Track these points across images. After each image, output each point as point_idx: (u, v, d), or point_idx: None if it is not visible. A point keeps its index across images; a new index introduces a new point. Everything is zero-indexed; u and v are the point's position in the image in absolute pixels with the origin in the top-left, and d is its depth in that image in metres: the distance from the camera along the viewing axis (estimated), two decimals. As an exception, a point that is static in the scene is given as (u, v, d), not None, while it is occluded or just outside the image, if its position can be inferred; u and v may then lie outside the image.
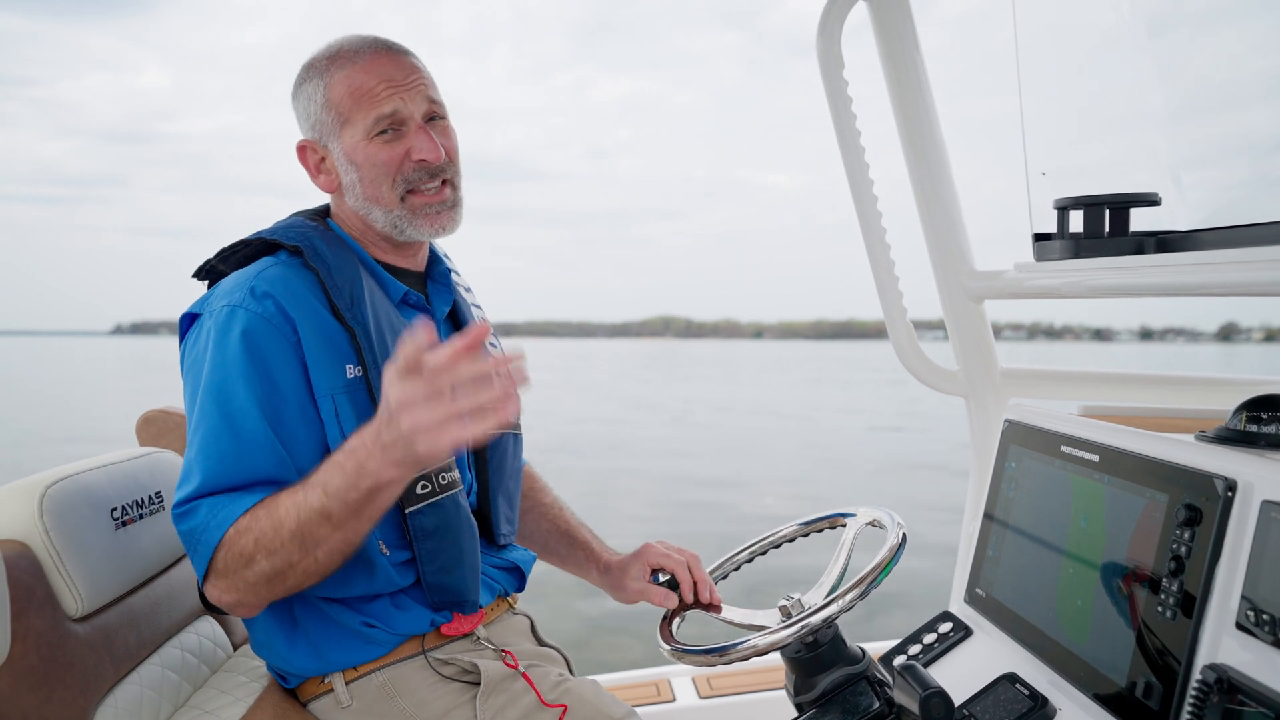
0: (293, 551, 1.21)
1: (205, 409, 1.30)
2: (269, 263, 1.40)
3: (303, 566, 1.23)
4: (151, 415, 1.85)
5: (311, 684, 1.45)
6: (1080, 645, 1.34)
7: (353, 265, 1.43)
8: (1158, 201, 1.50)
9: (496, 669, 1.44)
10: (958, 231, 1.82)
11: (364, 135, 1.41)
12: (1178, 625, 1.15)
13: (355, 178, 1.44)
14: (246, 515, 1.23)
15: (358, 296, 1.40)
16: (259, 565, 1.22)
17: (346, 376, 1.36)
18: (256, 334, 1.32)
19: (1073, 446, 1.47)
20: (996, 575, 1.63)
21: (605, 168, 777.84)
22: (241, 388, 1.30)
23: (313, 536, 1.20)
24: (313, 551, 1.21)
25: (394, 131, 1.42)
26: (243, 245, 1.44)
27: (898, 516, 1.54)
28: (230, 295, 1.35)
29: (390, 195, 1.43)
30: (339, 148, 1.44)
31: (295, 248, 1.40)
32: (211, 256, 1.46)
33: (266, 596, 1.26)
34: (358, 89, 1.41)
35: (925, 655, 1.66)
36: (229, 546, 1.23)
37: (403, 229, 1.46)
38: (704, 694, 2.41)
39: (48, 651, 1.22)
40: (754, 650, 1.39)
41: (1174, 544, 1.19)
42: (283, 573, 1.23)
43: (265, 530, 1.21)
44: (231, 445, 1.28)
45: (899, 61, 1.77)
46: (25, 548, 1.27)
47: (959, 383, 1.93)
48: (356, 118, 1.41)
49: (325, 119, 1.44)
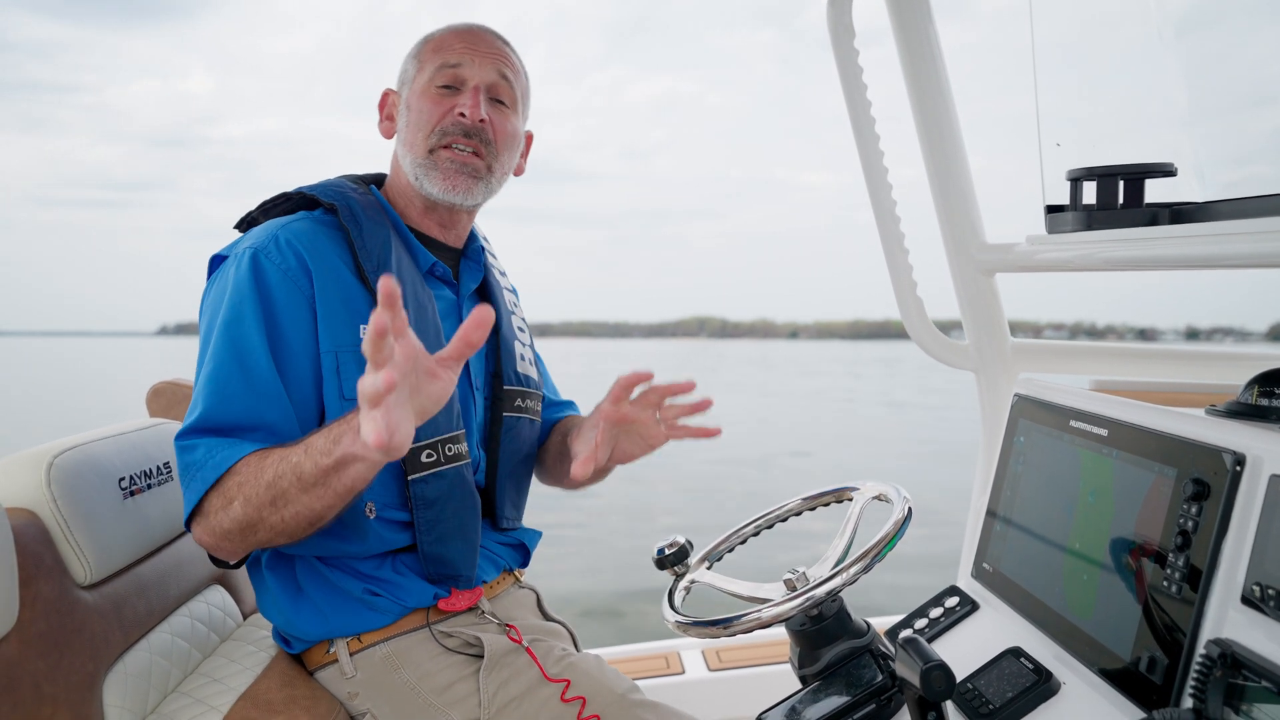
0: (264, 504, 1.21)
1: (217, 345, 1.32)
2: (301, 216, 1.44)
3: (270, 523, 1.22)
4: (161, 387, 1.86)
5: (318, 652, 1.46)
6: (1085, 620, 1.34)
7: (385, 229, 1.46)
8: (1173, 172, 1.47)
9: (500, 643, 1.45)
10: (968, 204, 1.80)
11: (426, 84, 1.49)
12: (1183, 600, 1.14)
13: (405, 122, 1.51)
14: (251, 460, 1.24)
15: (384, 260, 1.42)
16: (234, 510, 1.23)
17: (358, 335, 1.37)
18: (273, 282, 1.34)
19: (1082, 421, 1.46)
20: (1004, 550, 1.62)
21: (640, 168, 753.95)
22: (254, 331, 1.32)
23: (284, 494, 1.20)
24: (280, 509, 1.21)
25: (451, 89, 1.48)
26: (284, 199, 1.48)
27: (904, 490, 1.53)
28: (255, 241, 1.39)
29: (422, 144, 1.48)
30: (407, 92, 1.52)
31: (331, 205, 1.43)
32: (254, 208, 1.48)
33: (239, 545, 1.27)
34: (442, 43, 1.51)
35: (931, 629, 1.66)
36: (217, 489, 1.25)
37: (421, 181, 1.49)
38: (713, 666, 2.43)
39: (56, 618, 1.24)
40: (758, 622, 1.39)
41: (1181, 518, 1.18)
42: (254, 524, 1.23)
43: (249, 477, 1.23)
44: (239, 384, 1.30)
45: (911, 31, 1.74)
46: (33, 515, 1.28)
47: (969, 357, 1.91)
48: (427, 66, 1.49)
49: (409, 67, 1.54)
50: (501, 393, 1.58)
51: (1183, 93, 1.67)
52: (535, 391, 1.67)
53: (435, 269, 1.54)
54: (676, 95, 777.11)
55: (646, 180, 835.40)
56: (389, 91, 1.58)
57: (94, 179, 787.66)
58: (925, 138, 1.78)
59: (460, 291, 1.59)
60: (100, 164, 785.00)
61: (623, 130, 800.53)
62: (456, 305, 1.57)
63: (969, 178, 1.81)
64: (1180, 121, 1.67)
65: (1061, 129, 1.62)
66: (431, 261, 1.53)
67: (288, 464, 1.20)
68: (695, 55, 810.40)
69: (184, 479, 1.28)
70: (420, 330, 1.43)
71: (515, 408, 1.60)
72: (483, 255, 1.65)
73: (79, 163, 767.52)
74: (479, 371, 1.59)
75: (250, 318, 1.32)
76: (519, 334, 1.69)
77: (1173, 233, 1.33)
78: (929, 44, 1.74)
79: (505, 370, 1.60)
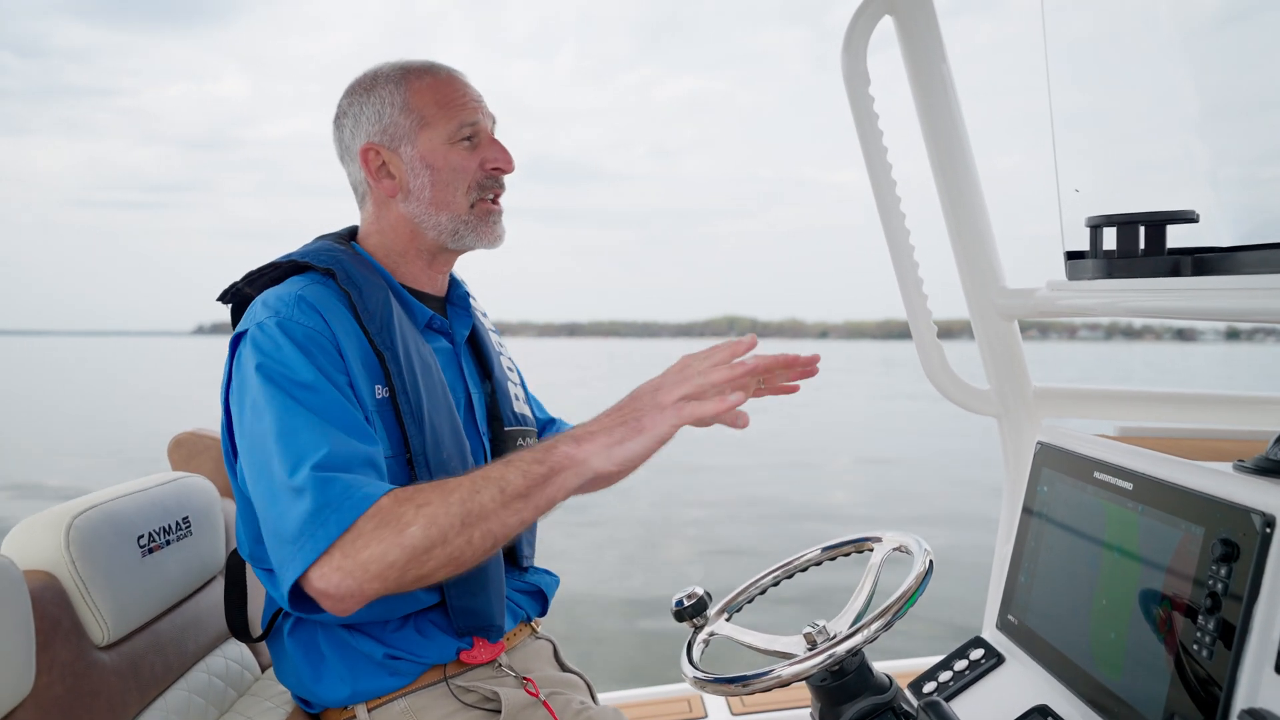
0: (453, 524, 1.16)
1: (287, 407, 1.25)
2: (304, 281, 1.40)
3: (453, 546, 1.16)
4: (183, 438, 1.87)
5: (335, 711, 1.45)
6: (1114, 680, 1.30)
7: (382, 289, 1.44)
8: (1195, 219, 1.45)
9: (518, 697, 1.44)
10: (988, 248, 1.78)
11: (445, 140, 1.47)
12: (1215, 664, 1.11)
13: (427, 180, 1.47)
14: (399, 498, 1.18)
15: (387, 320, 1.41)
16: (410, 536, 1.15)
17: (376, 396, 1.37)
18: (310, 344, 1.32)
19: (1106, 473, 1.43)
20: (1029, 602, 1.59)
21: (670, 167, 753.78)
22: (316, 381, 1.28)
23: (479, 510, 1.16)
24: (470, 529, 1.16)
25: (472, 141, 1.48)
26: (271, 268, 1.45)
27: (925, 543, 1.50)
28: (274, 309, 1.35)
29: (462, 201, 1.48)
30: (413, 151, 1.47)
31: (328, 270, 1.41)
32: (238, 280, 1.46)
33: (389, 583, 1.17)
34: (444, 97, 1.47)
35: (956, 683, 1.63)
36: (375, 517, 1.16)
37: (463, 235, 1.49)
38: (736, 711, 2.40)
39: (73, 681, 1.24)
40: (778, 681, 1.37)
41: (1210, 579, 1.15)
42: (429, 549, 1.15)
43: (431, 499, 1.17)
44: (332, 431, 1.25)
45: (925, 75, 1.73)
46: (52, 578, 1.29)
47: (991, 402, 1.88)
48: (439, 122, 1.46)
49: (402, 122, 1.47)
50: (503, 435, 1.59)
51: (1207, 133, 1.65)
52: (532, 428, 1.67)
53: (433, 322, 1.55)
54: (706, 94, 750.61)
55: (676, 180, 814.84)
56: (372, 147, 1.48)
57: (131, 181, 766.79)
58: (942, 182, 1.77)
59: (455, 340, 1.59)
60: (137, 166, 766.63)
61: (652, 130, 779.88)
62: (454, 354, 1.57)
63: (987, 221, 1.79)
64: (1204, 163, 1.65)
65: (1081, 174, 1.60)
66: (429, 315, 1.53)
67: (483, 480, 1.18)
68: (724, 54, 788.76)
69: (319, 517, 1.18)
70: (428, 386, 1.43)
71: (518, 447, 1.60)
72: (468, 300, 1.65)
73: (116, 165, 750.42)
74: (483, 418, 1.59)
75: (306, 376, 1.28)
76: (509, 374, 1.69)
77: (1195, 285, 1.31)
78: (943, 89, 1.73)
79: (503, 413, 1.61)
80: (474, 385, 1.59)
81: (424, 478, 1.36)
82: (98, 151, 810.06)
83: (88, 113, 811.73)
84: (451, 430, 1.45)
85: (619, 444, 1.19)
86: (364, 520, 1.17)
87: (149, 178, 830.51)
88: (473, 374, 1.61)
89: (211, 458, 1.87)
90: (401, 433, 1.38)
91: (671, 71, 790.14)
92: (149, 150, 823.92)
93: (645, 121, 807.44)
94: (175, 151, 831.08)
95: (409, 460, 1.38)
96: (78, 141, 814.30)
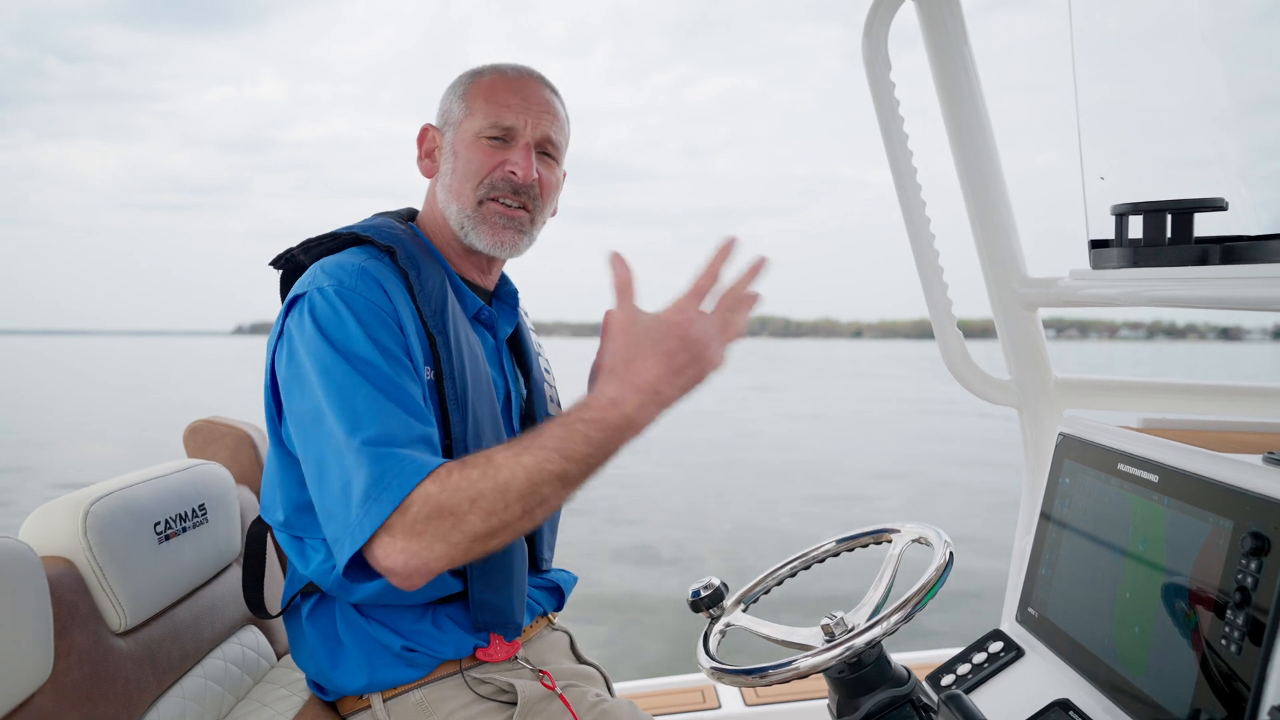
0: (515, 512, 1.17)
1: (346, 377, 1.25)
2: (363, 254, 1.40)
3: (518, 526, 1.19)
4: (198, 425, 1.87)
5: (351, 699, 1.45)
6: (1139, 675, 1.28)
7: (439, 273, 1.45)
8: (1224, 207, 1.42)
9: (534, 690, 1.43)
10: (1009, 237, 1.76)
11: (475, 133, 1.47)
12: (1244, 660, 1.09)
13: (451, 167, 1.49)
14: (452, 474, 1.18)
15: (441, 304, 1.41)
16: (469, 524, 1.16)
17: (425, 378, 1.36)
18: (372, 316, 1.31)
19: (1130, 465, 1.41)
20: (1050, 595, 1.57)
21: (704, 166, 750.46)
22: (374, 355, 1.28)
23: (540, 496, 1.17)
24: (533, 511, 1.18)
25: (502, 142, 1.47)
26: (330, 238, 1.45)
27: (944, 534, 1.49)
28: (334, 276, 1.34)
29: (471, 195, 1.47)
30: (452, 136, 1.50)
31: (388, 248, 1.41)
32: (294, 245, 1.46)
33: (458, 557, 1.19)
34: (493, 93, 1.48)
35: (975, 676, 1.61)
36: (427, 503, 1.17)
37: (467, 232, 1.48)
38: (750, 702, 2.39)
39: (90, 667, 1.24)
40: (795, 673, 1.36)
41: (1239, 574, 1.13)
42: (495, 532, 1.17)
43: (485, 490, 1.16)
44: (389, 405, 1.25)
45: (948, 62, 1.70)
46: (69, 564, 1.29)
47: (1011, 393, 1.86)
48: (478, 115, 1.47)
49: (455, 108, 1.51)
50: None
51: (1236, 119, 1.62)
52: None
53: (481, 314, 1.54)
54: (740, 93, 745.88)
55: (709, 179, 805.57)
56: (429, 128, 1.55)
57: (170, 183, 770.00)
58: (964, 170, 1.75)
59: (499, 335, 1.59)
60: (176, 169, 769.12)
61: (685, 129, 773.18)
62: (496, 351, 1.58)
63: (1009, 209, 1.77)
64: (1233, 149, 1.62)
65: (1106, 162, 1.57)
66: (479, 306, 1.53)
67: (542, 472, 1.17)
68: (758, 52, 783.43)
69: (376, 489, 1.18)
70: (474, 374, 1.42)
71: None
72: (516, 299, 1.65)
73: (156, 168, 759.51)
74: (518, 417, 1.59)
75: (365, 347, 1.28)
76: (546, 376, 1.69)
77: (1224, 274, 1.28)
78: (966, 75, 1.70)
79: (538, 413, 1.60)
80: (513, 383, 1.59)
81: None
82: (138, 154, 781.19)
83: (128, 116, 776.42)
84: (492, 421, 1.44)
85: (668, 404, 1.21)
86: (413, 505, 1.17)
87: (188, 180, 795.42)
88: (512, 372, 1.61)
89: (227, 445, 1.87)
90: (444, 418, 1.37)
91: (704, 70, 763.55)
92: (188, 153, 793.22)
93: (678, 120, 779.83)
94: (213, 154, 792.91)
95: (449, 447, 1.37)
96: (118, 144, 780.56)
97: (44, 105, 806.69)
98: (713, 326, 1.21)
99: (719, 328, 1.22)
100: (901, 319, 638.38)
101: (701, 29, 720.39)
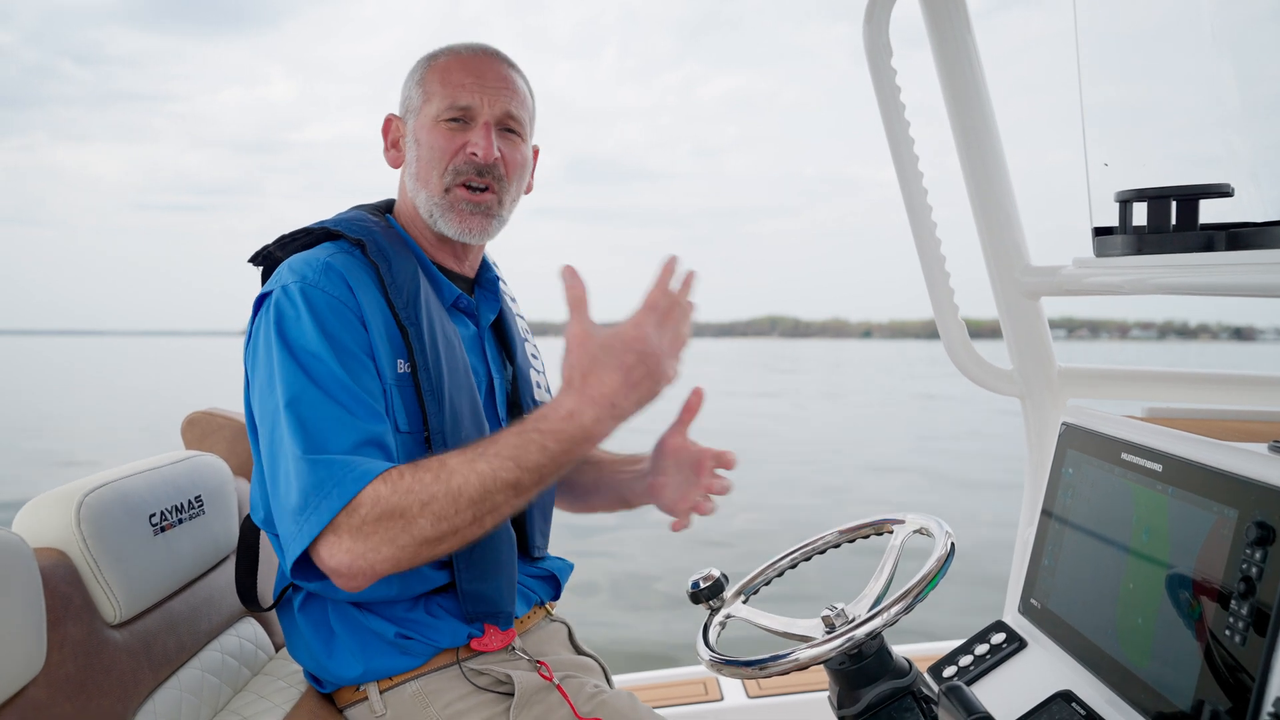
0: (465, 518, 1.19)
1: (297, 377, 1.26)
2: (334, 249, 1.40)
3: (466, 533, 1.21)
4: (195, 417, 1.86)
5: (348, 690, 1.44)
6: (1142, 666, 1.27)
7: (411, 264, 1.44)
8: (1229, 193, 1.40)
9: (531, 680, 1.42)
10: (1012, 225, 1.74)
11: (434, 117, 1.45)
12: (1248, 651, 1.08)
13: (415, 155, 1.48)
14: (404, 477, 1.19)
15: (414, 295, 1.40)
16: (419, 527, 1.18)
17: (397, 371, 1.36)
18: (325, 311, 1.31)
19: (1134, 454, 1.39)
20: (1053, 586, 1.56)
21: (713, 166, 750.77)
22: (328, 354, 1.28)
23: (492, 504, 1.19)
24: (483, 518, 1.20)
25: (461, 124, 1.45)
26: (303, 233, 1.45)
27: (946, 525, 1.48)
28: (299, 274, 1.34)
29: (437, 182, 1.45)
30: (414, 122, 1.49)
31: (358, 240, 1.40)
32: (270, 243, 1.46)
33: (404, 560, 1.20)
34: (448, 74, 1.46)
35: (976, 667, 1.60)
36: (377, 504, 1.18)
37: (436, 219, 1.47)
38: (752, 694, 2.38)
39: (85, 659, 1.23)
40: (795, 665, 1.35)
41: (1244, 564, 1.11)
42: (444, 537, 1.19)
43: (437, 494, 1.18)
44: (336, 409, 1.26)
45: (949, 48, 1.68)
46: (62, 555, 1.28)
47: (1014, 383, 1.84)
48: (436, 98, 1.46)
49: (414, 94, 1.49)
50: None
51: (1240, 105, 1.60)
52: None
53: (460, 302, 1.53)
54: (749, 92, 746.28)
55: (719, 178, 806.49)
56: (392, 117, 1.54)
57: (183, 184, 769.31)
58: (966, 157, 1.73)
59: (480, 323, 1.57)
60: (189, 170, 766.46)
61: (695, 129, 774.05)
62: (478, 338, 1.56)
63: (1012, 198, 1.75)
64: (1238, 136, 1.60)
65: (1109, 148, 1.55)
66: (456, 294, 1.52)
67: (496, 480, 1.19)
68: (768, 52, 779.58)
69: (316, 496, 1.19)
70: (450, 364, 1.41)
71: None
72: (498, 285, 1.63)
73: (170, 169, 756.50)
74: (503, 404, 1.57)
75: (320, 346, 1.28)
76: (533, 361, 1.68)
77: (1229, 260, 1.26)
78: (969, 62, 1.69)
79: (523, 400, 1.59)
80: (496, 370, 1.58)
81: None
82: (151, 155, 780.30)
83: (142, 117, 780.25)
84: (471, 410, 1.43)
85: (624, 417, 1.24)
86: (359, 508, 1.18)
87: (200, 181, 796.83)
88: (495, 359, 1.59)
89: (224, 437, 1.86)
90: (421, 410, 1.37)
91: (714, 70, 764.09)
92: (200, 154, 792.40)
93: (688, 120, 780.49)
94: (225, 155, 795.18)
95: (427, 439, 1.36)
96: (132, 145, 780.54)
97: (59, 107, 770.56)
98: (665, 341, 1.24)
99: (670, 342, 1.25)
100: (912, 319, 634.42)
101: (710, 28, 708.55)
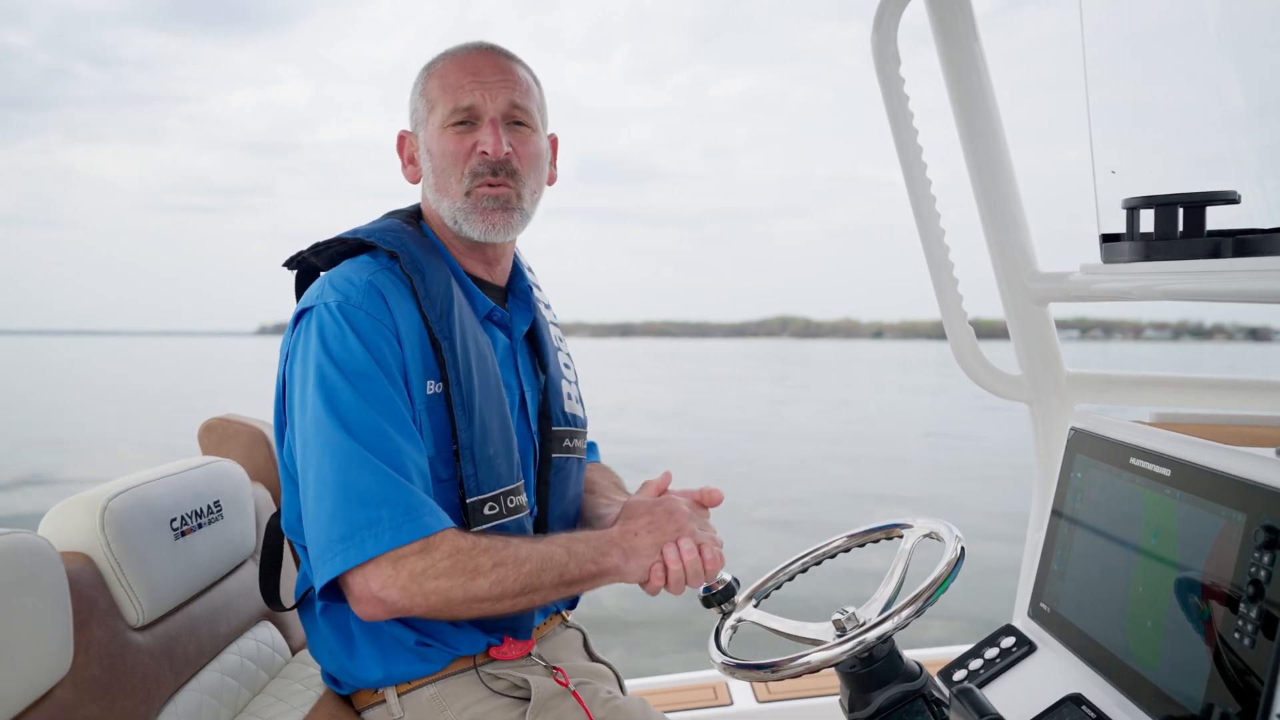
0: (515, 591, 1.30)
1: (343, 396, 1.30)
2: (372, 265, 1.40)
3: (505, 605, 1.31)
4: (213, 423, 1.88)
5: (366, 693, 1.46)
6: (1151, 670, 1.28)
7: (445, 275, 1.43)
8: (1236, 200, 1.42)
9: (547, 686, 1.44)
10: (1020, 231, 1.75)
11: (440, 124, 1.45)
12: (1257, 654, 1.09)
13: (430, 167, 1.48)
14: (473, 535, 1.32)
15: (447, 309, 1.40)
16: (478, 585, 1.27)
17: (427, 392, 1.37)
18: (374, 333, 1.33)
19: (1142, 459, 1.40)
20: (1062, 590, 1.57)
21: (724, 166, 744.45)
22: (376, 375, 1.32)
23: (538, 586, 1.31)
24: (520, 596, 1.31)
25: (469, 125, 1.44)
26: (337, 242, 1.45)
27: (956, 529, 1.49)
28: (340, 291, 1.36)
29: (457, 187, 1.45)
30: (424, 134, 1.48)
31: (393, 253, 1.40)
32: (305, 249, 1.47)
33: (447, 611, 1.30)
34: (447, 78, 1.46)
35: (987, 671, 1.61)
36: (456, 552, 1.28)
37: (461, 225, 1.46)
38: (762, 698, 2.39)
39: (109, 661, 1.25)
40: (807, 667, 1.36)
41: (1253, 567, 1.12)
42: (490, 599, 1.29)
43: (506, 559, 1.29)
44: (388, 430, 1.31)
45: (957, 54, 1.70)
46: (88, 559, 1.30)
47: (1022, 388, 1.86)
48: (439, 106, 1.45)
49: (420, 106, 1.49)
50: (550, 434, 1.56)
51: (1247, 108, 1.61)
52: (581, 430, 1.64)
53: (493, 314, 1.52)
54: (759, 92, 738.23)
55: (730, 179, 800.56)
56: (404, 134, 1.54)
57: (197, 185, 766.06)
58: (974, 166, 1.74)
59: (513, 334, 1.56)
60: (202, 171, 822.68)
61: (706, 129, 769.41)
62: (511, 350, 1.55)
63: (1019, 203, 1.77)
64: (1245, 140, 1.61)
65: (1116, 154, 1.57)
66: (490, 306, 1.51)
67: (549, 560, 1.33)
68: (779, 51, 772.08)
69: (377, 522, 1.25)
70: (482, 378, 1.41)
71: (564, 448, 1.58)
72: (531, 294, 1.62)
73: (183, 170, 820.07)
74: (534, 416, 1.57)
75: (365, 364, 1.31)
76: (565, 371, 1.66)
77: (1236, 266, 1.28)
78: (976, 68, 1.70)
79: (553, 411, 1.58)
80: (528, 382, 1.57)
81: (469, 471, 1.37)
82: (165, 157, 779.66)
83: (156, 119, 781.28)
84: (501, 426, 1.43)
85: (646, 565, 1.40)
86: (446, 546, 1.28)
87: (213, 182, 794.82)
88: (528, 370, 1.58)
89: (241, 443, 1.88)
90: (451, 425, 1.37)
91: (725, 70, 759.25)
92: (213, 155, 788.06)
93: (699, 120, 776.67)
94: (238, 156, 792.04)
95: (455, 453, 1.37)
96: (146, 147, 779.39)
97: (74, 109, 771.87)
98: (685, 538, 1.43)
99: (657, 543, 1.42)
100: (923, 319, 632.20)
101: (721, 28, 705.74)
